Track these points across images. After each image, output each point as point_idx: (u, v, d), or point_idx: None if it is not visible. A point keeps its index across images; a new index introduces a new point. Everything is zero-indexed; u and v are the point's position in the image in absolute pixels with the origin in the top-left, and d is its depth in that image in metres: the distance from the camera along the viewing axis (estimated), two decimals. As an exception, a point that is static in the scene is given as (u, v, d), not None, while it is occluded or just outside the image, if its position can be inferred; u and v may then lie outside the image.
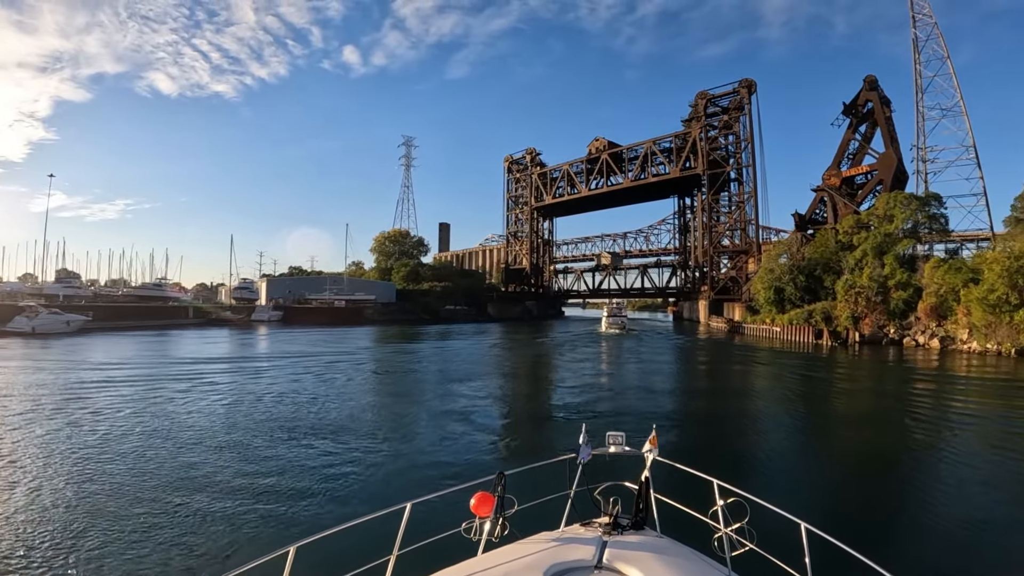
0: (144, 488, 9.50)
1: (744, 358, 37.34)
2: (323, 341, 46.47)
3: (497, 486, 3.46)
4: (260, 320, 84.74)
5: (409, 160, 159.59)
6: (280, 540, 4.01)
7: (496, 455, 12.44)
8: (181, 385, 21.31)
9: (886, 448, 13.78)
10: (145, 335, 51.85)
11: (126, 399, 18.00)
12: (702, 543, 3.43)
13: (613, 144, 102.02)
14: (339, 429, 14.23)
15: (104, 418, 14.99)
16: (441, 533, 3.65)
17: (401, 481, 10.26)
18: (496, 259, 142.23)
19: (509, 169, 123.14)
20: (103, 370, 25.39)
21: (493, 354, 38.76)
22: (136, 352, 35.85)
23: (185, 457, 11.45)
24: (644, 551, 3.13)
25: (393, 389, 22.76)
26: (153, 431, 13.66)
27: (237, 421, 15.01)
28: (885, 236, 46.68)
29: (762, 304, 54.32)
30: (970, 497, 9.98)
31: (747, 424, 16.41)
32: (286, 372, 26.08)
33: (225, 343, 44.85)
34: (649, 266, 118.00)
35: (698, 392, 24.39)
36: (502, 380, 26.14)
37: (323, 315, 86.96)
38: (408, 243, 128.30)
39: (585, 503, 3.77)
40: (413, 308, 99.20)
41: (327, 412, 16.44)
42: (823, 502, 9.84)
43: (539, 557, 3.07)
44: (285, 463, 11.14)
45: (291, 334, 57.36)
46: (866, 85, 57.79)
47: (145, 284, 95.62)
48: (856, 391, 23.71)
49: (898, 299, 42.60)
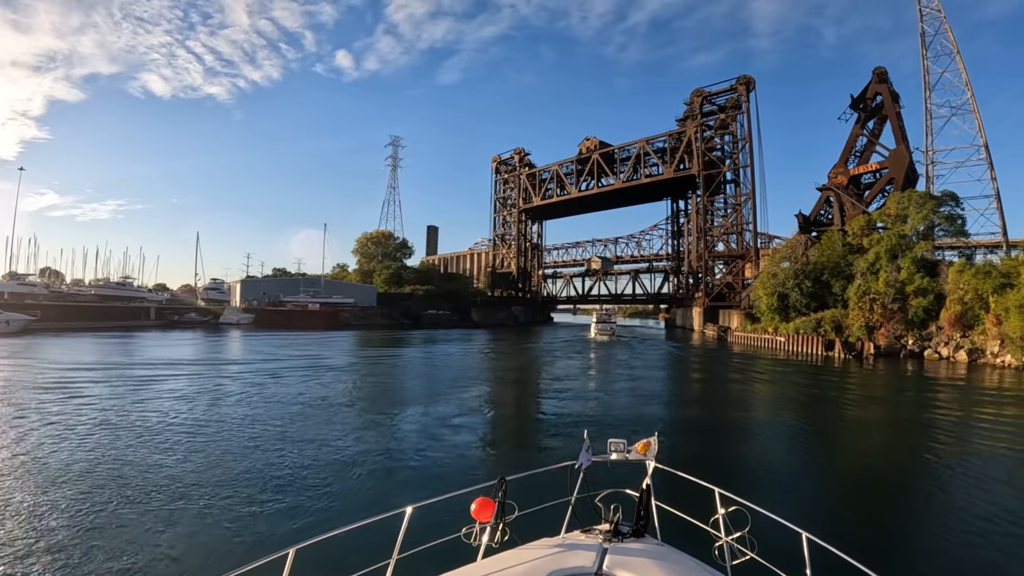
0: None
1: (749, 372, 32.85)
2: (281, 346, 41.39)
3: (498, 491, 3.45)
4: (229, 323, 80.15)
5: (396, 160, 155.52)
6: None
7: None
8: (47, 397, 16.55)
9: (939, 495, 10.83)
10: (91, 337, 47.48)
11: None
12: (703, 551, 3.32)
13: (604, 144, 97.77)
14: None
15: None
16: (441, 538, 3.63)
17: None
18: (483, 263, 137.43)
19: (497, 170, 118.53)
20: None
21: (465, 367, 33.88)
22: (52, 356, 30.73)
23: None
24: (644, 559, 3.05)
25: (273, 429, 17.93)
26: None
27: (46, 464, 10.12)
28: (900, 238, 42.53)
29: (764, 311, 49.90)
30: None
31: (780, 476, 11.83)
32: (177, 386, 21.12)
33: (159, 347, 39.46)
34: (641, 271, 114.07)
35: (711, 424, 19.66)
36: (467, 403, 21.32)
37: (295, 319, 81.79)
38: (391, 245, 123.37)
39: (586, 510, 3.70)
40: (393, 312, 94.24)
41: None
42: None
43: (539, 563, 3.00)
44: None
45: (253, 339, 52.23)
46: (875, 77, 53.88)
47: (109, 283, 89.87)
48: (899, 421, 19.10)
49: (917, 307, 38.37)
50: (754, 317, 53.70)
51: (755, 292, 52.66)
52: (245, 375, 25.49)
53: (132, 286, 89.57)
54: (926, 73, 65.47)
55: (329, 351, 40.05)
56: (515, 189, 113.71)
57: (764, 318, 50.47)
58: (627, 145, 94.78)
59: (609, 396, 22.82)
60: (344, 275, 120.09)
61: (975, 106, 61.47)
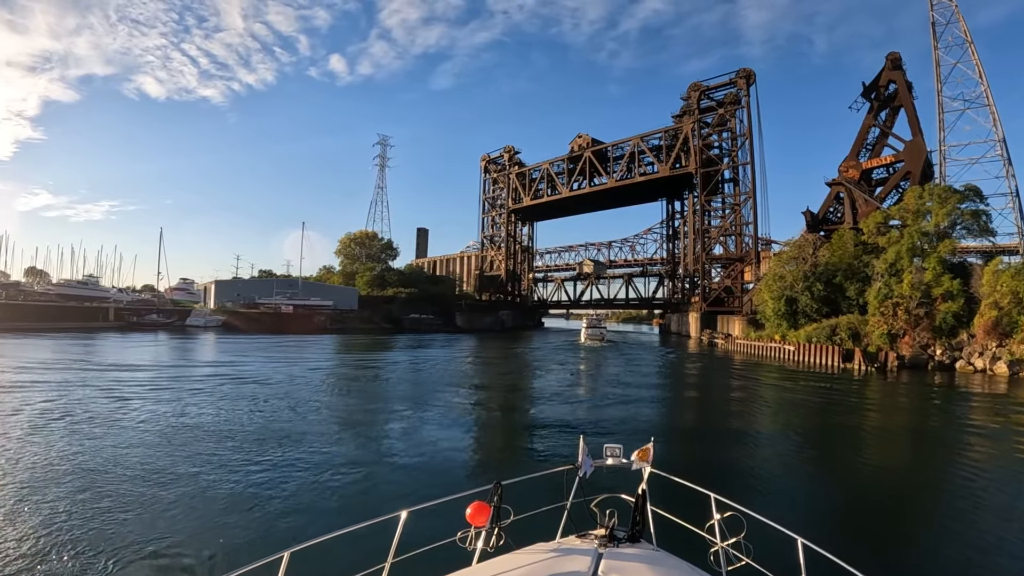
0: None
1: (761, 388, 28.19)
2: (225, 352, 36.29)
3: (493, 496, 3.42)
4: (195, 326, 75.40)
5: (384, 160, 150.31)
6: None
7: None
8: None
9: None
10: (35, 340, 44.06)
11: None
12: (698, 557, 3.30)
13: (597, 141, 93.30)
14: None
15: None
16: (436, 542, 3.62)
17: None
18: (474, 266, 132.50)
19: (486, 169, 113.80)
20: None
21: (413, 382, 29.01)
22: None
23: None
24: (640, 564, 3.03)
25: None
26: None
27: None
28: (922, 235, 38.15)
29: (770, 317, 45.22)
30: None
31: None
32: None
33: (82, 350, 34.21)
34: (635, 275, 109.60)
35: (731, 465, 14.90)
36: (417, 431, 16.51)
37: (264, 322, 76.72)
38: (375, 246, 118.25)
39: (581, 515, 3.67)
40: (373, 316, 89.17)
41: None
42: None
43: (534, 568, 2.96)
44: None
45: (193, 342, 47.13)
46: (888, 64, 49.64)
47: (69, 281, 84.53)
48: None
49: (946, 312, 33.89)
50: (758, 323, 49.11)
51: (760, 296, 48.07)
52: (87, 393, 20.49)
53: (96, 285, 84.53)
54: (937, 65, 61.40)
55: (250, 359, 35.04)
56: (504, 189, 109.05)
57: (769, 324, 45.85)
58: (621, 142, 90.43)
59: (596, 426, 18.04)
60: (328, 277, 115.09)
61: (991, 99, 57.50)
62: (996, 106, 57.02)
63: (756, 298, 49.48)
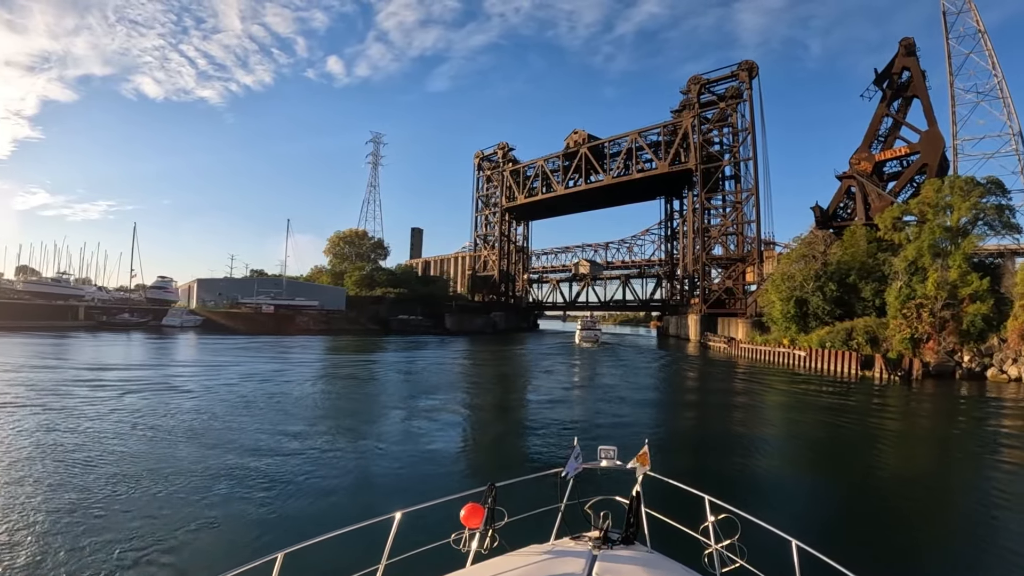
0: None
1: (775, 398, 24.91)
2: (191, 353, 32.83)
3: (488, 497, 3.39)
4: (172, 326, 72.10)
5: (377, 158, 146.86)
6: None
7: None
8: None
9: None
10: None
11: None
12: (693, 559, 3.27)
13: (593, 137, 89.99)
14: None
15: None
16: (430, 544, 3.55)
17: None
18: (467, 267, 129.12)
19: (480, 166, 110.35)
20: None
21: (383, 400, 25.68)
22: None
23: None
24: (634, 566, 3.02)
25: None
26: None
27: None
28: (944, 231, 34.97)
29: (777, 320, 41.95)
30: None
31: None
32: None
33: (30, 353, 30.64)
34: (632, 276, 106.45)
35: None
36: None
37: (243, 323, 73.23)
38: (365, 245, 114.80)
39: (576, 517, 3.63)
40: (360, 317, 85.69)
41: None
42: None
43: (528, 570, 2.96)
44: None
45: (157, 343, 43.63)
46: (902, 49, 46.53)
47: (41, 279, 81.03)
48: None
49: (974, 314, 30.71)
50: (763, 326, 45.86)
51: (766, 297, 44.82)
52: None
53: (68, 283, 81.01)
54: (949, 56, 58.47)
55: (190, 366, 31.59)
56: (498, 187, 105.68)
57: (777, 327, 42.59)
58: (617, 138, 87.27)
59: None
60: (318, 277, 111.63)
61: (1006, 90, 54.52)
62: (1012, 98, 54.15)
63: (762, 299, 46.27)
